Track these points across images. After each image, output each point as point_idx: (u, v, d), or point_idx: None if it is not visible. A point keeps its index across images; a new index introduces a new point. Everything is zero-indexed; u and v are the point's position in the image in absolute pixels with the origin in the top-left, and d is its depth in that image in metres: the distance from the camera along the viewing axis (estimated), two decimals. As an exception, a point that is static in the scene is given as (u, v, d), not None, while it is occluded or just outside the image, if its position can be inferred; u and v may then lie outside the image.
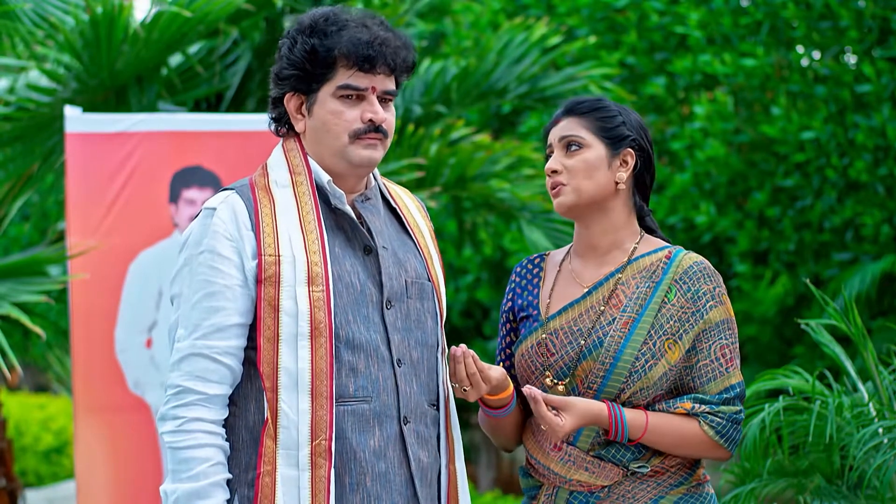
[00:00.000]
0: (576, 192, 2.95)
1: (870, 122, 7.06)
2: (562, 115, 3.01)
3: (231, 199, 2.77)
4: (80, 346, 4.80)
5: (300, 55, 2.77)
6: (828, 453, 3.94)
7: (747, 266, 8.00)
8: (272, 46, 6.02)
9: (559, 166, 2.96)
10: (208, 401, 2.70)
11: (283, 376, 2.68)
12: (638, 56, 8.38)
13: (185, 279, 2.75)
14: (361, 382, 2.74)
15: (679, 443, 2.89)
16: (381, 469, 2.75)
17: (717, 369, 2.91)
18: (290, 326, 2.69)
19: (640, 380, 2.87)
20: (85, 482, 4.77)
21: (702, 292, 2.92)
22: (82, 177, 4.84)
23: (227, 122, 5.08)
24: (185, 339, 2.72)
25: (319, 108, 2.79)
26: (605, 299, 2.94)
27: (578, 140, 2.96)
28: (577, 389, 2.91)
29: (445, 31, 9.90)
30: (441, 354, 2.90)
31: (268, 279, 2.70)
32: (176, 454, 2.69)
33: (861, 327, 3.94)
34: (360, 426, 2.73)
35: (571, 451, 2.91)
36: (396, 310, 2.81)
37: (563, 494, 2.93)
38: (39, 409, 12.50)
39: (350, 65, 2.75)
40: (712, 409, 2.89)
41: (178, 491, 2.67)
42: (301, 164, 2.81)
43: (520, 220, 6.33)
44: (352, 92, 2.77)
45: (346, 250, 2.80)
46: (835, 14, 7.26)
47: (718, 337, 2.92)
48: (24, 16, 5.64)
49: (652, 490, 2.91)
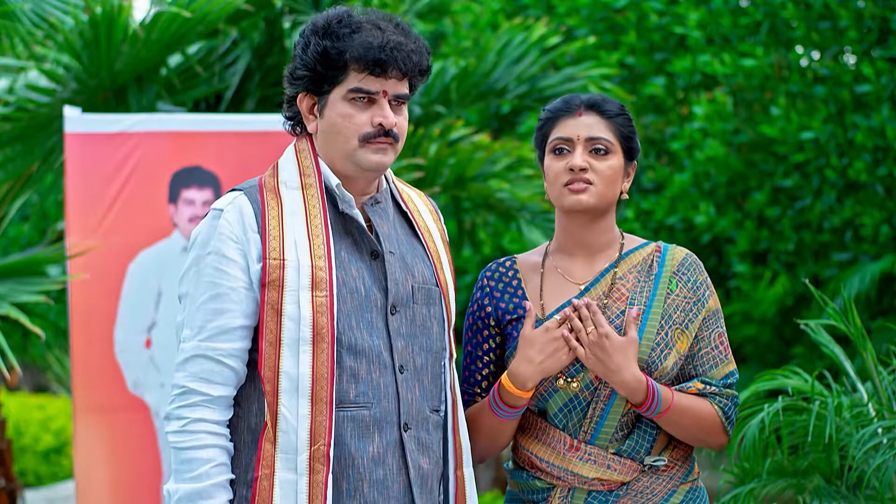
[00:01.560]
0: (599, 197, 2.94)
1: (869, 123, 7.06)
2: (582, 109, 2.97)
3: (239, 201, 2.76)
4: (80, 347, 4.80)
5: (312, 57, 2.76)
6: (827, 453, 3.93)
7: (747, 266, 8.00)
8: (271, 47, 6.02)
9: (587, 165, 2.93)
10: (212, 402, 2.70)
11: (283, 380, 2.68)
12: (637, 56, 8.39)
13: (192, 279, 2.75)
14: (362, 388, 2.73)
15: (696, 423, 2.90)
16: (379, 476, 2.74)
17: (717, 356, 2.96)
18: (293, 331, 2.69)
19: (656, 370, 2.88)
20: (84, 482, 4.77)
21: (699, 282, 2.97)
22: (82, 177, 4.84)
23: (226, 122, 5.07)
24: (191, 339, 2.72)
25: (330, 110, 2.78)
26: (606, 294, 2.94)
27: (607, 144, 2.94)
28: (592, 385, 2.90)
29: (445, 31, 9.90)
30: (449, 359, 2.89)
31: (272, 283, 2.70)
32: (179, 454, 2.69)
33: (860, 327, 3.94)
34: (359, 432, 2.73)
35: (591, 449, 2.90)
36: (401, 315, 2.80)
37: (581, 495, 2.92)
38: (39, 410, 12.49)
39: (361, 68, 2.74)
40: (719, 390, 2.93)
41: (180, 491, 2.68)
42: (311, 165, 2.80)
43: (519, 221, 6.34)
44: (362, 95, 2.76)
45: (353, 255, 2.79)
46: (834, 14, 7.26)
47: (716, 325, 2.97)
48: (24, 16, 5.64)
49: (666, 484, 2.93)
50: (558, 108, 3.00)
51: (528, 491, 2.99)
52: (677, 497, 2.93)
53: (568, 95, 3.03)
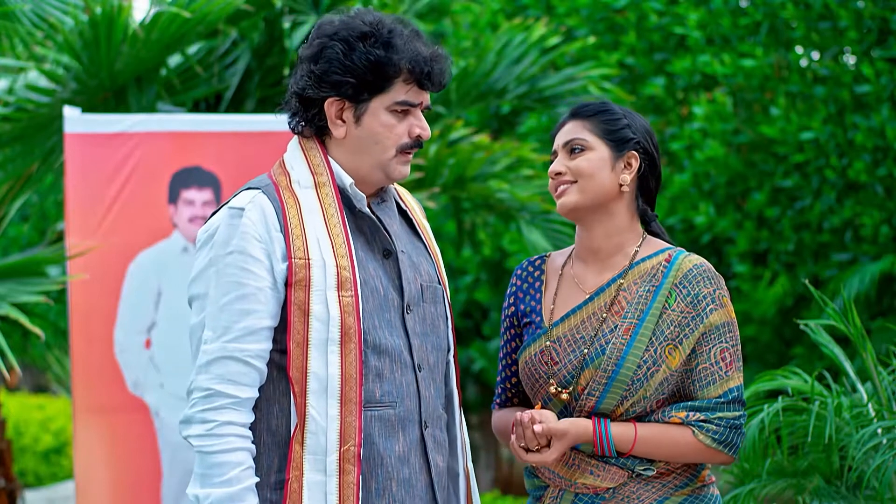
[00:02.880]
0: (580, 192, 2.94)
1: (869, 123, 7.06)
2: (567, 119, 3.02)
3: (259, 200, 2.72)
4: (80, 347, 4.80)
5: (362, 64, 2.71)
6: (827, 454, 3.94)
7: (746, 266, 8.00)
8: (271, 47, 6.02)
9: (563, 168, 2.97)
10: (239, 404, 2.67)
11: (312, 381, 2.66)
12: (637, 56, 8.39)
13: (212, 280, 2.70)
14: (387, 388, 2.73)
15: (673, 452, 2.88)
16: (405, 474, 2.74)
17: (716, 373, 2.89)
18: (321, 331, 2.67)
19: (641, 388, 2.86)
20: (84, 483, 4.77)
21: (702, 296, 2.91)
22: (81, 177, 4.83)
23: (226, 122, 5.07)
24: (215, 341, 2.67)
25: (371, 118, 2.75)
26: (608, 306, 2.93)
27: (581, 143, 2.97)
28: (578, 397, 2.91)
29: (445, 31, 9.89)
30: (452, 357, 2.90)
31: (298, 283, 2.67)
32: (207, 458, 2.65)
33: (860, 328, 3.94)
34: (386, 431, 2.72)
35: (575, 454, 2.91)
36: (415, 314, 2.80)
37: (569, 497, 2.93)
38: (38, 410, 12.49)
39: (410, 80, 2.73)
40: (708, 416, 2.87)
41: (211, 496, 2.63)
42: (322, 164, 2.78)
43: (519, 221, 6.33)
44: (406, 108, 2.75)
45: (368, 254, 2.78)
46: (834, 14, 7.26)
47: (719, 340, 2.91)
48: (24, 16, 5.64)
49: (657, 491, 2.91)
50: (555, 126, 3.07)
51: (533, 488, 3.04)
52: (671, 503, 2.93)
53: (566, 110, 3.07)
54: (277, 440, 2.71)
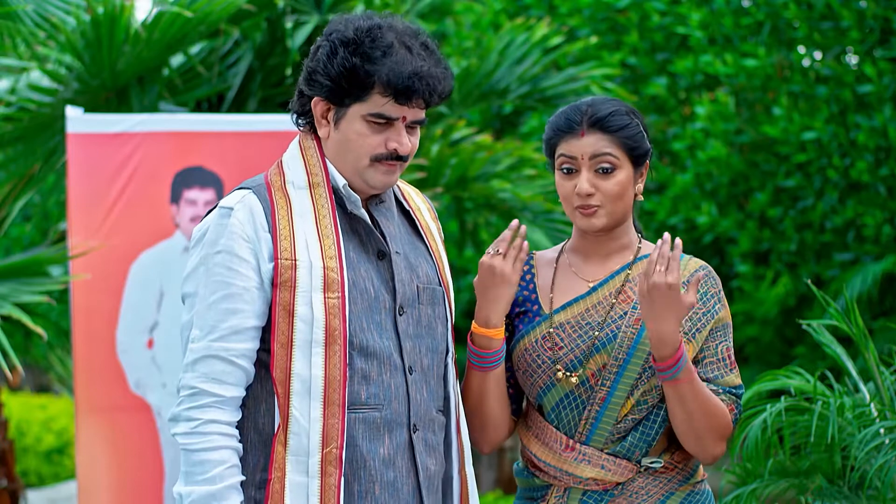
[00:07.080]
0: (610, 216, 2.91)
1: (871, 123, 7.06)
2: (587, 128, 2.91)
3: (248, 200, 2.73)
4: (82, 347, 4.80)
5: (338, 70, 2.69)
6: (829, 454, 3.93)
7: (749, 266, 8.00)
8: (273, 47, 6.02)
9: (593, 189, 2.90)
10: (224, 403, 2.67)
11: (295, 383, 2.66)
12: (639, 56, 8.39)
13: (201, 279, 2.71)
14: (373, 390, 2.72)
15: (704, 411, 2.83)
16: (390, 477, 2.73)
17: (723, 368, 2.91)
18: (305, 333, 2.66)
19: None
20: (86, 482, 4.77)
21: (710, 294, 2.93)
22: (84, 177, 4.84)
23: (228, 122, 5.07)
24: (201, 339, 2.68)
25: (347, 124, 2.74)
26: (616, 293, 2.93)
27: (612, 161, 2.90)
28: (587, 382, 2.90)
29: (447, 31, 9.90)
30: (451, 360, 2.89)
31: (283, 283, 2.67)
32: (191, 456, 2.66)
33: (862, 328, 3.94)
34: (370, 434, 2.71)
35: (586, 450, 2.90)
36: (408, 316, 2.79)
37: (576, 495, 2.92)
38: (41, 410, 12.50)
39: (387, 94, 2.69)
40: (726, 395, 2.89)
41: (193, 494, 2.64)
42: (318, 164, 2.77)
43: (521, 221, 6.33)
44: (382, 120, 2.73)
45: (361, 255, 2.77)
46: (836, 14, 7.26)
47: (724, 338, 2.93)
48: (26, 16, 5.64)
49: (664, 486, 2.92)
50: (561, 126, 2.94)
51: (529, 488, 3.01)
52: (675, 500, 2.92)
53: (571, 108, 2.96)
54: (264, 439, 2.71)
